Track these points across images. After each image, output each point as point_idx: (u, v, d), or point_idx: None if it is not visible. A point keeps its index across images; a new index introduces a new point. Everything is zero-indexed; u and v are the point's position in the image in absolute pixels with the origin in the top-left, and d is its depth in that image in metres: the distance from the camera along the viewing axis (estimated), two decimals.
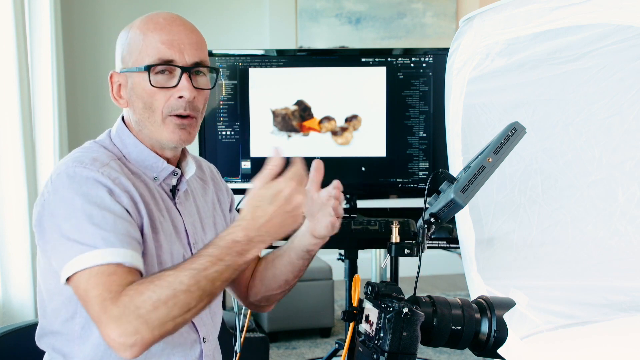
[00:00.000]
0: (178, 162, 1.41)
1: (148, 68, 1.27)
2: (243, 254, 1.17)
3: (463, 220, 1.75)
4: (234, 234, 1.16)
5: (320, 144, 2.21)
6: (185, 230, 1.36)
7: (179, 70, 1.28)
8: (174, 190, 1.38)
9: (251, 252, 1.17)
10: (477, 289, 1.71)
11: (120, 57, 1.33)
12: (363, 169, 2.22)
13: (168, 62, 1.28)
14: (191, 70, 1.29)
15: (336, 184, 1.42)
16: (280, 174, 1.20)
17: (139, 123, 1.33)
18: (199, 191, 1.47)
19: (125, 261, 1.16)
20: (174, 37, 1.28)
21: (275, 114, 2.21)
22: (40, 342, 1.34)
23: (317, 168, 1.40)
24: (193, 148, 1.51)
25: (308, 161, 2.23)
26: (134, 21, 1.33)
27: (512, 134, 1.23)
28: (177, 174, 1.37)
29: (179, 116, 1.30)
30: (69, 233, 1.18)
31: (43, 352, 1.35)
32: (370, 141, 2.21)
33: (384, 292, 1.10)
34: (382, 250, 3.18)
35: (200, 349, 1.36)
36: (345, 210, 2.31)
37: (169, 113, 1.29)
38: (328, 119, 2.21)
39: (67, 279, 1.18)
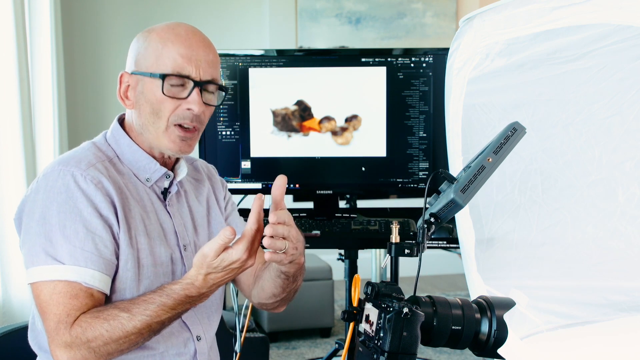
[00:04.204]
0: (172, 165, 1.42)
1: (163, 77, 1.29)
2: (193, 304, 1.24)
3: (463, 220, 1.75)
4: (187, 291, 1.20)
5: (320, 144, 2.21)
6: (175, 232, 1.37)
7: (191, 84, 1.31)
8: (165, 193, 1.38)
9: (201, 301, 1.24)
10: (477, 289, 1.71)
11: (134, 59, 1.34)
12: (363, 169, 2.22)
13: (184, 76, 1.30)
14: (203, 85, 1.32)
15: (273, 213, 1.19)
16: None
17: (142, 126, 1.34)
18: (192, 193, 1.47)
19: (84, 281, 1.21)
20: (193, 52, 1.31)
21: (275, 114, 2.21)
22: (31, 342, 1.35)
23: (278, 186, 1.22)
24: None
25: (308, 161, 2.25)
26: (154, 27, 1.35)
27: (512, 134, 1.22)
28: (169, 176, 1.39)
29: (183, 128, 1.32)
30: (40, 238, 1.22)
31: None
32: (370, 141, 2.21)
33: (384, 292, 1.10)
34: (382, 250, 3.18)
35: (194, 347, 1.36)
36: (346, 210, 2.31)
37: (175, 122, 1.32)
38: (328, 119, 2.21)
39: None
